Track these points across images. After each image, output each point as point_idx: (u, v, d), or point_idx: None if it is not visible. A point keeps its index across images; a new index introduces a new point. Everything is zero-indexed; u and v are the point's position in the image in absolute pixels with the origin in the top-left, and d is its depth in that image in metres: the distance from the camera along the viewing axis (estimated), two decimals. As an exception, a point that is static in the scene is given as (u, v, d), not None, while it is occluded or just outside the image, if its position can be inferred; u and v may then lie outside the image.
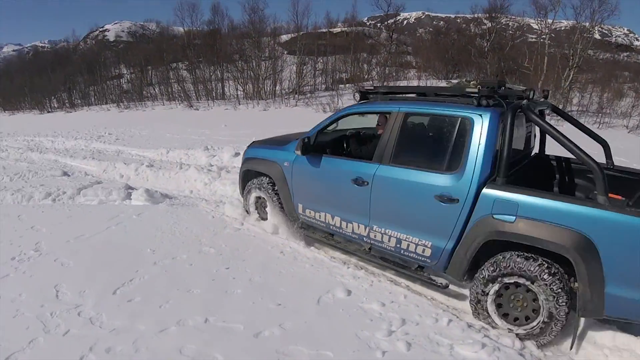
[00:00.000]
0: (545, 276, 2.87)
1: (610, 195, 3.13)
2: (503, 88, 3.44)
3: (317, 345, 2.68)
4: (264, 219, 4.91)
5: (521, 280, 2.96)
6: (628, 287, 2.66)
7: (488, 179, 3.11)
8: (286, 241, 4.36)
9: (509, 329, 3.06)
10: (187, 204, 5.91)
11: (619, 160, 10.74)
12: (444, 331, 2.87)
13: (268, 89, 28.02)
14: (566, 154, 3.41)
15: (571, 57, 21.46)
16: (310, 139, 4.13)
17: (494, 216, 3.01)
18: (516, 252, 3.02)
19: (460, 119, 3.24)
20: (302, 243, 4.36)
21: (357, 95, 4.12)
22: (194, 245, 4.17)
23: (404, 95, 3.95)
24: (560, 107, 20.92)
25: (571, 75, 21.36)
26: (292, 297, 3.25)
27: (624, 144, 15.47)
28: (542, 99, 4.03)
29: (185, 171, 7.60)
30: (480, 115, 3.13)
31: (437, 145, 3.51)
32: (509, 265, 2.98)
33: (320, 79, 30.99)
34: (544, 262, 2.92)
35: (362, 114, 4.16)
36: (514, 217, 2.92)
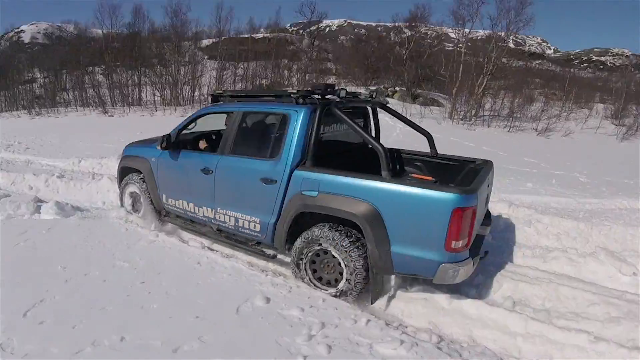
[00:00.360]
0: (345, 242, 3.45)
1: (422, 177, 3.84)
2: (329, 89, 4.13)
3: (238, 355, 2.69)
4: (138, 211, 5.39)
5: (327, 247, 3.56)
6: (409, 246, 3.21)
7: (300, 163, 3.72)
8: (203, 251, 4.37)
9: (323, 290, 3.64)
10: (100, 217, 5.61)
11: (527, 162, 11.73)
12: (363, 331, 2.96)
13: (187, 94, 27.10)
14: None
15: (485, 65, 22.81)
16: (171, 136, 4.65)
17: (303, 192, 3.62)
18: (324, 223, 3.61)
19: (282, 115, 3.91)
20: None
21: (210, 98, 4.77)
22: (107, 260, 4.01)
23: (244, 97, 4.65)
24: (473, 112, 22.32)
25: (484, 82, 22.79)
26: (211, 308, 3.23)
27: (533, 144, 16.86)
28: (370, 98, 4.67)
29: (98, 181, 7.22)
30: (297, 111, 3.79)
31: (265, 137, 4.20)
32: (318, 234, 3.58)
33: (240, 84, 30.43)
34: (343, 230, 3.51)
35: (213, 113, 4.72)
36: (317, 192, 3.53)
